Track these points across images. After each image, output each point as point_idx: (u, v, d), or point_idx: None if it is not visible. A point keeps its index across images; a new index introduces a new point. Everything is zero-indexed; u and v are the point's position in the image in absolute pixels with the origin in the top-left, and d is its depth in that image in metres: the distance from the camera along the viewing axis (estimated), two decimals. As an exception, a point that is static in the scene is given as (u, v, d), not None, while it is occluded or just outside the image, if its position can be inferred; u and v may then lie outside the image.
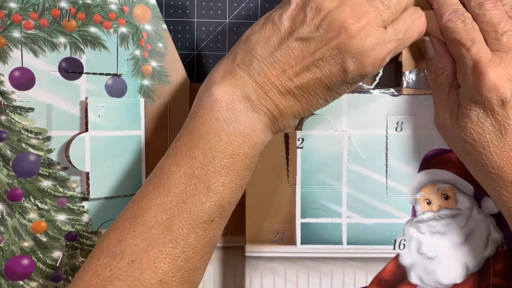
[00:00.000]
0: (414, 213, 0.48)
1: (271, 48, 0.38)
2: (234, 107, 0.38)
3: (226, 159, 0.38)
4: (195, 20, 0.50)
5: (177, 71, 0.47)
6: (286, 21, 0.38)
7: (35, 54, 0.43)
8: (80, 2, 0.44)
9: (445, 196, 0.48)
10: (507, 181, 0.42)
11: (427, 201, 0.48)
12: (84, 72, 0.44)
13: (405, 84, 0.47)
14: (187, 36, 0.50)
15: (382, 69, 0.48)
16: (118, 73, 0.46)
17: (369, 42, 0.37)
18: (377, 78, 0.48)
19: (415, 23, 0.41)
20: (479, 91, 0.40)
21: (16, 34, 0.42)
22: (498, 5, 0.42)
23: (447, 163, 0.48)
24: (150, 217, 0.37)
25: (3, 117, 0.42)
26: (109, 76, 0.45)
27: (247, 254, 0.49)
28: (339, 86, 0.39)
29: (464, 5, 0.43)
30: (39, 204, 0.44)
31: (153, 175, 0.39)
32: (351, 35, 0.37)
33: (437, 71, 0.44)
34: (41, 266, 0.45)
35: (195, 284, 0.39)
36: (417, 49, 0.46)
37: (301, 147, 0.48)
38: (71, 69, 0.44)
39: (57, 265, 0.45)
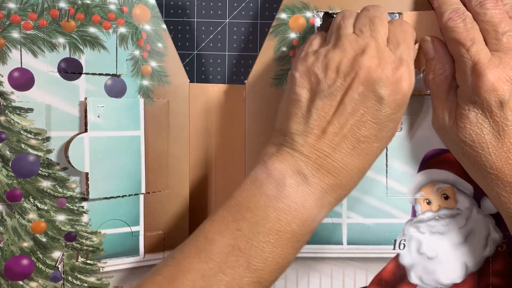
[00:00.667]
0: (414, 213, 0.48)
1: (302, 119, 0.38)
2: (284, 183, 0.38)
3: (272, 235, 0.37)
4: (195, 20, 0.50)
5: (176, 71, 0.47)
6: (302, 91, 0.39)
7: (34, 54, 0.43)
8: (79, 2, 0.44)
9: (444, 196, 0.48)
10: (505, 181, 0.42)
11: (427, 201, 0.48)
12: (83, 72, 0.44)
13: None
14: (187, 36, 0.50)
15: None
16: (118, 74, 0.46)
17: (386, 64, 0.38)
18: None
19: (404, 32, 0.41)
20: (477, 92, 0.40)
21: (15, 34, 0.42)
22: (499, 4, 0.42)
23: (446, 163, 0.48)
24: (188, 280, 0.36)
25: (2, 118, 0.42)
26: (109, 77, 0.45)
27: (247, 254, 0.49)
28: (385, 118, 0.38)
29: (464, 4, 0.43)
30: (39, 205, 0.44)
31: (196, 239, 0.39)
32: (367, 67, 0.37)
33: (436, 72, 0.44)
34: (40, 266, 0.44)
35: None
36: (421, 42, 0.46)
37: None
38: (70, 70, 0.44)
39: (57, 265, 0.45)
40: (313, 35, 0.43)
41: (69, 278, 0.45)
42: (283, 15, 0.47)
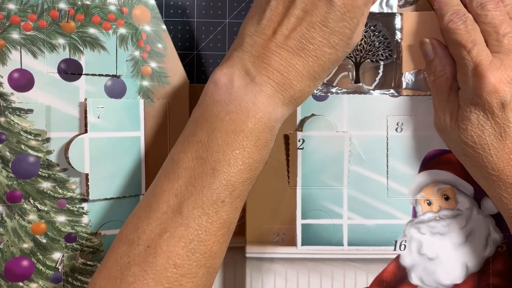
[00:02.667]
0: (414, 214, 0.48)
1: (256, 20, 0.39)
2: (232, 86, 0.38)
3: (229, 137, 0.38)
4: (195, 20, 0.50)
5: (176, 72, 0.47)
6: None
7: (34, 55, 0.43)
8: (79, 3, 0.44)
9: (445, 196, 0.48)
10: (507, 183, 0.42)
11: (428, 201, 0.48)
12: (83, 73, 0.44)
13: (404, 85, 0.47)
14: (187, 36, 0.50)
15: (382, 69, 0.48)
16: (118, 74, 0.45)
17: None
18: (377, 79, 0.48)
19: None
20: (479, 93, 0.40)
21: (15, 35, 0.42)
22: (500, 6, 0.42)
23: (447, 163, 0.48)
24: (162, 202, 0.38)
25: (2, 119, 0.42)
26: (109, 77, 0.45)
27: (247, 255, 0.49)
28: (336, 22, 0.38)
29: (465, 6, 0.43)
30: (39, 206, 0.44)
31: (165, 164, 0.40)
32: None
33: (437, 74, 0.44)
34: (40, 267, 0.44)
35: (214, 269, 0.39)
36: (417, 50, 0.46)
37: (302, 148, 0.48)
38: (70, 70, 0.44)
39: (57, 266, 0.45)
40: None
41: (69, 279, 0.45)
42: (283, 16, 0.47)
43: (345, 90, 0.48)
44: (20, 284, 0.44)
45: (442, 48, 0.44)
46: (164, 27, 0.47)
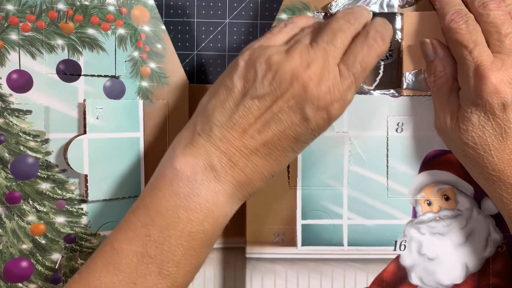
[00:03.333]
0: (414, 214, 0.48)
1: (228, 111, 0.37)
2: (195, 180, 0.36)
3: (184, 237, 0.36)
4: (195, 20, 0.50)
5: (176, 72, 0.47)
6: (238, 82, 0.37)
7: (33, 56, 0.43)
8: (78, 3, 0.44)
9: (445, 197, 0.48)
10: (507, 183, 0.42)
11: (428, 202, 0.48)
12: (82, 74, 0.44)
13: (405, 85, 0.47)
14: (187, 36, 0.50)
15: (382, 69, 0.48)
16: (117, 75, 0.45)
17: (324, 86, 0.36)
18: (377, 79, 0.48)
19: (367, 50, 0.37)
20: (480, 94, 0.40)
21: (14, 36, 0.42)
22: (502, 5, 0.41)
23: (447, 164, 0.48)
24: None
25: (1, 120, 0.42)
26: (107, 78, 0.45)
27: (247, 255, 0.48)
28: (305, 136, 0.37)
29: (466, 5, 0.43)
30: (38, 207, 0.44)
31: (103, 249, 0.37)
32: (304, 83, 0.36)
33: (437, 74, 0.44)
34: (40, 268, 0.44)
35: None
36: (417, 50, 0.46)
37: (301, 148, 0.48)
38: (69, 71, 0.44)
39: (56, 267, 0.45)
40: (277, 28, 0.41)
41: (69, 280, 0.45)
42: (283, 16, 0.47)
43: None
44: (20, 285, 0.44)
45: (442, 48, 0.44)
46: (163, 27, 0.46)
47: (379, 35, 0.38)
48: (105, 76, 0.45)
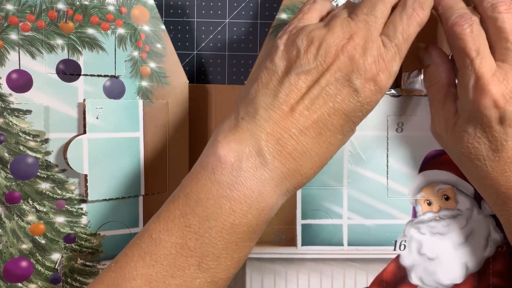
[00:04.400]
0: (414, 214, 0.48)
1: (273, 92, 0.35)
2: (240, 167, 0.34)
3: (225, 230, 0.34)
4: (195, 20, 0.50)
5: (176, 72, 0.47)
6: (280, 62, 0.36)
7: (33, 56, 0.43)
8: (78, 3, 0.43)
9: (445, 197, 0.48)
10: (500, 191, 0.41)
11: (428, 201, 0.48)
12: (82, 74, 0.44)
13: (404, 85, 0.47)
14: (187, 36, 0.50)
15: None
16: (116, 75, 0.45)
17: (369, 56, 0.35)
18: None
19: (406, 20, 0.37)
20: (478, 108, 0.38)
21: (13, 36, 0.42)
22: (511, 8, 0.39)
23: (447, 164, 0.48)
24: None
25: (0, 120, 0.42)
26: (107, 78, 0.45)
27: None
28: (354, 111, 0.36)
29: (475, 5, 0.41)
30: (38, 207, 0.44)
31: (140, 239, 0.35)
32: (350, 54, 0.35)
33: (432, 81, 0.43)
34: (39, 268, 0.44)
35: None
36: (417, 50, 0.46)
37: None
38: (68, 71, 0.44)
39: (56, 267, 0.45)
40: (306, 5, 0.40)
41: (69, 280, 0.45)
42: (283, 15, 0.47)
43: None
44: (19, 285, 0.44)
45: (439, 55, 0.43)
46: (163, 27, 0.46)
47: (418, 4, 0.37)
48: (105, 76, 0.45)
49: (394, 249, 0.48)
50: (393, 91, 0.48)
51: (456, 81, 0.41)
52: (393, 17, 0.37)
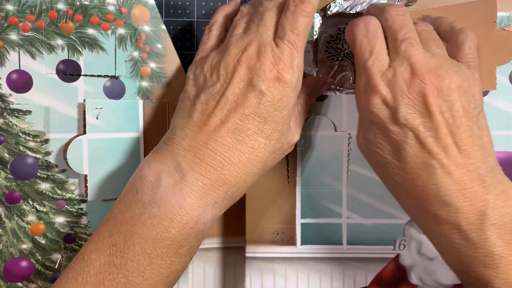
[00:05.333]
0: (414, 213, 0.48)
1: (187, 114, 0.38)
2: (159, 184, 0.35)
3: (148, 245, 0.34)
4: (195, 20, 0.50)
5: (176, 72, 0.47)
6: (191, 89, 0.39)
7: (33, 56, 0.43)
8: (78, 3, 0.43)
9: (444, 196, 0.48)
10: (410, 196, 0.38)
11: (427, 201, 0.48)
12: (82, 74, 0.44)
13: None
14: (187, 36, 0.50)
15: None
16: (116, 75, 0.45)
17: (265, 59, 0.37)
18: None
19: (291, 17, 0.38)
20: (369, 108, 0.37)
21: (13, 36, 0.42)
22: (403, 10, 0.39)
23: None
24: None
25: (0, 120, 0.42)
26: (107, 78, 0.45)
27: (247, 254, 0.49)
28: (268, 112, 0.37)
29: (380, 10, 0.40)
30: (38, 207, 0.44)
31: (74, 261, 0.36)
32: (246, 64, 0.37)
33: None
34: (39, 268, 0.44)
35: None
36: None
37: (301, 148, 0.48)
38: (68, 71, 0.44)
39: (56, 267, 0.45)
40: (205, 36, 0.43)
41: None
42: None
43: (344, 89, 0.48)
44: (19, 284, 0.44)
45: None
46: (163, 27, 0.46)
47: (297, 4, 0.38)
48: (105, 76, 0.45)
49: (394, 249, 0.48)
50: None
51: None
52: (281, 20, 0.39)
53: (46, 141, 0.44)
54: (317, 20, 0.47)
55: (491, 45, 0.40)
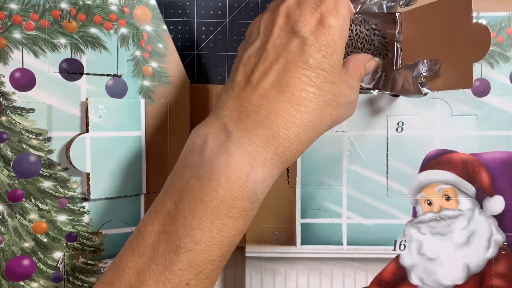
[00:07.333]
0: (414, 214, 0.48)
1: (230, 78, 0.37)
2: (206, 147, 0.34)
3: (197, 207, 0.33)
4: (195, 20, 0.50)
5: (177, 72, 0.47)
6: (238, 56, 0.39)
7: (36, 55, 0.43)
8: (81, 3, 0.44)
9: (446, 197, 0.48)
10: None
11: (428, 201, 0.48)
12: (84, 73, 0.45)
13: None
14: (187, 36, 0.50)
15: (380, 68, 0.48)
16: (119, 74, 0.46)
17: (305, 5, 0.37)
18: (376, 78, 0.48)
19: None
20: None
21: (17, 35, 0.43)
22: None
23: (448, 163, 0.48)
24: (125, 281, 0.34)
25: (3, 118, 0.43)
26: (110, 77, 0.45)
27: (247, 254, 0.48)
28: (312, 58, 0.35)
29: None
30: (40, 205, 0.44)
31: (132, 236, 0.36)
32: (285, 13, 0.37)
33: None
34: (41, 266, 0.44)
35: None
36: (416, 49, 0.46)
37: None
38: (71, 70, 0.44)
39: (58, 265, 0.45)
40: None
41: (70, 278, 0.45)
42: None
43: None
44: (21, 283, 0.44)
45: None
46: (165, 27, 0.47)
47: None
48: (107, 75, 0.45)
49: (394, 249, 0.48)
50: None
51: None
52: None
53: (49, 139, 0.44)
54: None
55: (467, 42, 0.39)
